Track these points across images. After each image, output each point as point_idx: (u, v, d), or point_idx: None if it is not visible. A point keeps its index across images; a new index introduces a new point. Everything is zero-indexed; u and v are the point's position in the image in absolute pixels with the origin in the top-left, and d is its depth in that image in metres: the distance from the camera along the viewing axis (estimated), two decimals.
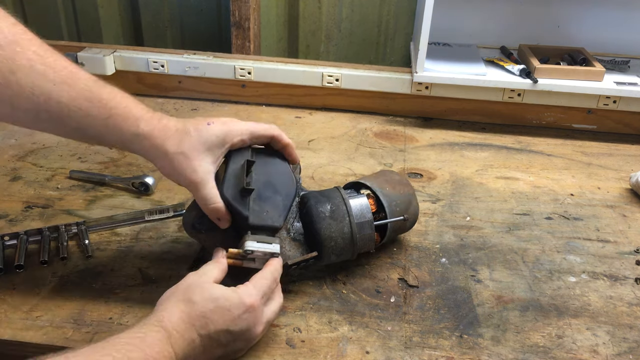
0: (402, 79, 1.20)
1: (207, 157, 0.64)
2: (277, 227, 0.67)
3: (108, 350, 0.50)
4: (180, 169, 0.63)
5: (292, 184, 0.70)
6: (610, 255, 0.83)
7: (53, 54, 0.62)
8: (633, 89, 1.13)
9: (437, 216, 0.90)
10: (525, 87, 1.14)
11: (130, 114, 0.63)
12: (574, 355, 0.65)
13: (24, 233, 0.79)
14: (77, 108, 0.61)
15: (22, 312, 0.67)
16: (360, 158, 1.07)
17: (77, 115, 0.61)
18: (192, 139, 0.63)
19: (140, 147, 0.63)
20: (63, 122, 0.62)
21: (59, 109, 0.60)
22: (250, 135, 0.68)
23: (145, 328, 0.54)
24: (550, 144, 1.16)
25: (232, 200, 0.65)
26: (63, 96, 0.60)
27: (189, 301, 0.57)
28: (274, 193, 0.68)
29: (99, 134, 0.63)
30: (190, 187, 0.64)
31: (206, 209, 0.65)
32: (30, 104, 0.60)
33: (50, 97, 0.60)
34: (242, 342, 0.60)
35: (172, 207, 0.87)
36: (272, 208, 0.67)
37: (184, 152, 0.63)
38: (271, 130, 0.70)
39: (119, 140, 0.63)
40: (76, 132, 0.64)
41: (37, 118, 0.62)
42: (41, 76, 0.59)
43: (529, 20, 1.31)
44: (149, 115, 0.64)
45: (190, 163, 0.63)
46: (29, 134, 1.10)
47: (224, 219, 0.66)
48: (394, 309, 0.71)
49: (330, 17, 1.46)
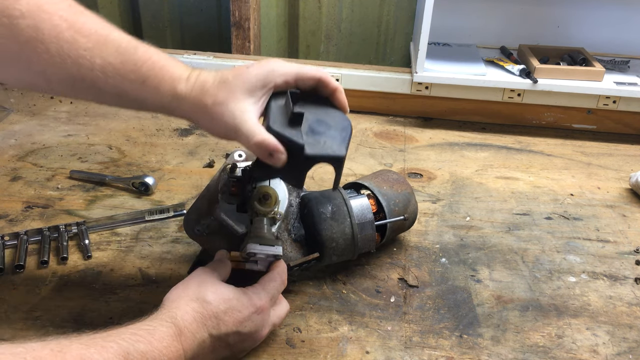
0: (402, 79, 1.20)
1: (247, 99, 0.58)
2: (341, 157, 0.58)
3: (113, 338, 0.49)
4: (219, 119, 0.58)
5: (347, 121, 0.61)
6: (610, 255, 0.83)
7: (81, 14, 0.58)
8: (633, 89, 1.13)
9: (437, 216, 0.90)
10: (525, 87, 1.14)
11: (167, 75, 0.59)
12: (574, 355, 0.65)
13: (24, 233, 0.79)
14: (113, 73, 0.57)
15: (22, 312, 0.67)
16: (360, 158, 1.07)
17: (113, 81, 0.58)
18: (230, 86, 0.58)
19: (180, 109, 0.59)
20: (100, 89, 0.58)
21: (94, 77, 0.57)
22: (295, 76, 0.61)
23: (155, 322, 0.53)
24: (550, 144, 1.16)
25: (281, 131, 0.56)
26: (96, 62, 0.57)
27: (203, 301, 0.56)
28: (327, 129, 0.59)
29: (138, 99, 0.59)
30: (230, 133, 0.58)
31: (252, 146, 0.57)
32: (64, 74, 0.57)
33: (82, 64, 0.56)
34: (248, 343, 0.60)
35: (172, 207, 0.87)
36: (329, 139, 0.58)
37: (221, 101, 0.58)
38: (319, 73, 0.62)
39: (159, 104, 0.59)
40: (116, 100, 0.60)
41: (74, 87, 0.59)
42: (70, 44, 0.56)
43: (529, 20, 1.31)
44: (187, 74, 0.59)
45: (229, 110, 0.57)
46: (29, 134, 1.10)
47: (277, 152, 0.57)
48: (394, 309, 0.71)
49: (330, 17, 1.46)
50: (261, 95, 0.59)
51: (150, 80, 0.58)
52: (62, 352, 0.46)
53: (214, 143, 1.09)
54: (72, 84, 0.58)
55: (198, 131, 1.14)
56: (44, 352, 0.45)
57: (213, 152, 1.06)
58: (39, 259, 0.75)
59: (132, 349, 0.49)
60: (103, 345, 0.48)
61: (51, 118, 1.17)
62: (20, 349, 0.45)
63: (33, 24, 0.54)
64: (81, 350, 0.47)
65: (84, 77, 0.57)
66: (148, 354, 0.50)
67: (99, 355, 0.47)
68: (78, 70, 0.57)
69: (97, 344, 0.48)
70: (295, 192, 0.75)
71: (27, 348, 0.45)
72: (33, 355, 0.45)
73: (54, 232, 0.80)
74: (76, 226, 0.81)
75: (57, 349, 0.46)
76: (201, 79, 0.59)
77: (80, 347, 0.47)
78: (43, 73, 0.57)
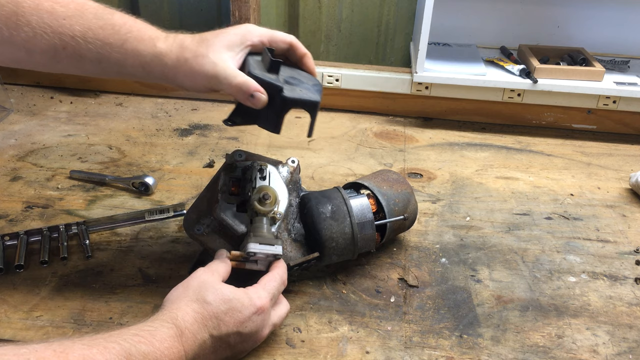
0: (402, 79, 1.20)
1: (226, 52, 0.62)
2: (316, 102, 0.63)
3: (115, 338, 0.50)
4: (199, 70, 0.61)
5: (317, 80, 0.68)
6: (610, 255, 0.83)
7: None
8: (633, 89, 1.13)
9: (437, 216, 0.90)
10: (525, 87, 1.14)
11: (145, 35, 0.62)
12: (574, 355, 0.65)
13: (24, 233, 0.79)
14: (93, 39, 0.60)
15: (22, 312, 0.67)
16: (360, 158, 1.07)
17: (94, 47, 0.60)
18: (209, 42, 0.62)
19: (161, 66, 0.62)
20: (81, 56, 0.61)
21: (75, 44, 0.60)
22: (269, 37, 0.66)
23: (156, 323, 0.53)
24: (550, 144, 1.16)
25: (261, 76, 0.61)
26: (76, 29, 0.60)
27: (203, 301, 0.57)
28: (300, 83, 0.65)
29: (118, 62, 0.62)
30: (212, 80, 0.61)
31: (233, 88, 0.60)
32: (45, 45, 0.59)
33: (63, 32, 0.59)
34: (249, 343, 0.60)
35: (172, 207, 0.87)
36: (304, 89, 0.63)
37: (202, 54, 0.61)
38: (290, 38, 0.68)
39: (138, 65, 0.62)
40: (96, 66, 0.63)
41: (55, 58, 0.61)
42: (49, 14, 0.59)
43: (529, 20, 1.31)
44: (164, 35, 0.63)
45: (210, 60, 0.61)
46: (29, 134, 1.10)
47: (258, 93, 0.60)
48: (394, 309, 0.71)
49: (330, 17, 1.46)
50: (239, 51, 0.63)
51: (130, 42, 0.61)
52: (65, 352, 0.46)
53: (214, 143, 1.09)
54: (54, 54, 0.60)
55: (198, 131, 1.14)
56: (46, 352, 0.46)
57: (213, 152, 1.06)
58: (39, 259, 0.75)
59: (134, 350, 0.49)
60: (105, 345, 0.48)
61: (51, 118, 1.17)
62: (23, 349, 0.45)
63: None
64: (84, 351, 0.47)
65: (65, 45, 0.60)
66: (150, 355, 0.50)
67: (101, 356, 0.47)
68: (60, 38, 0.59)
69: (99, 344, 0.48)
70: (295, 192, 0.75)
71: (30, 349, 0.46)
72: (36, 356, 0.45)
73: (54, 232, 0.80)
74: (76, 226, 0.81)
75: (59, 350, 0.46)
76: (179, 37, 0.63)
77: (83, 348, 0.47)
78: (24, 46, 0.59)
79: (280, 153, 1.07)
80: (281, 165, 0.74)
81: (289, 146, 1.10)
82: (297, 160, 0.76)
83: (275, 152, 1.07)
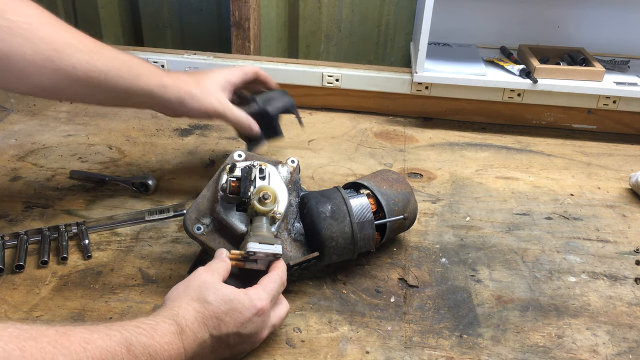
0: (402, 79, 1.20)
1: (223, 93, 0.84)
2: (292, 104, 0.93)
3: (116, 327, 0.51)
4: (208, 103, 0.81)
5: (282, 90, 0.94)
6: (610, 255, 0.83)
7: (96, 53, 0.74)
8: (633, 89, 1.13)
9: (437, 216, 0.90)
10: (525, 87, 1.14)
11: (153, 72, 0.79)
12: (574, 355, 0.65)
13: (24, 233, 0.79)
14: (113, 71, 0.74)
15: (22, 312, 0.67)
16: (360, 158, 1.07)
17: (112, 78, 0.74)
18: (207, 82, 0.83)
19: (167, 95, 0.79)
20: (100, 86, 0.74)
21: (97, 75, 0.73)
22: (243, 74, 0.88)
23: (158, 318, 0.54)
24: (550, 144, 1.16)
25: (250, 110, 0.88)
26: (97, 65, 0.73)
27: (204, 301, 0.57)
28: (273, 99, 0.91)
29: (128, 93, 0.76)
30: (220, 114, 0.82)
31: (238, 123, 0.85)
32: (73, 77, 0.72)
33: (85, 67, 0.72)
34: (248, 344, 0.60)
35: (172, 207, 0.87)
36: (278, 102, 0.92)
37: (207, 90, 0.81)
38: (255, 68, 0.91)
39: (147, 94, 0.77)
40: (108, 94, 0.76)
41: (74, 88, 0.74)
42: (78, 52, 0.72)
43: (529, 20, 1.31)
44: (166, 72, 0.81)
45: (214, 97, 0.82)
46: (29, 134, 1.10)
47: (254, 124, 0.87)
48: (394, 309, 0.71)
49: (330, 17, 1.46)
50: (227, 92, 0.85)
51: (142, 77, 0.77)
52: (67, 334, 0.47)
53: (214, 143, 1.09)
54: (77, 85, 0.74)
55: (198, 131, 1.14)
56: (49, 331, 0.47)
57: (213, 152, 1.06)
58: (39, 259, 0.75)
59: (134, 340, 0.50)
60: (107, 332, 0.49)
61: (51, 118, 1.17)
62: (26, 326, 0.47)
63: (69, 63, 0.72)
64: (85, 334, 0.48)
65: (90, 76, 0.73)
66: (150, 347, 0.51)
67: (102, 341, 0.48)
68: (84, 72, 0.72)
69: (100, 331, 0.50)
70: (295, 192, 0.75)
71: (33, 326, 0.47)
72: (39, 333, 0.46)
73: (54, 232, 0.80)
74: (76, 226, 0.81)
75: (62, 331, 0.48)
76: (179, 75, 0.82)
77: (84, 332, 0.49)
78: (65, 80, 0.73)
79: (280, 153, 1.07)
80: (281, 165, 0.74)
81: (289, 146, 1.10)
82: (297, 160, 0.76)
83: (275, 152, 1.07)
